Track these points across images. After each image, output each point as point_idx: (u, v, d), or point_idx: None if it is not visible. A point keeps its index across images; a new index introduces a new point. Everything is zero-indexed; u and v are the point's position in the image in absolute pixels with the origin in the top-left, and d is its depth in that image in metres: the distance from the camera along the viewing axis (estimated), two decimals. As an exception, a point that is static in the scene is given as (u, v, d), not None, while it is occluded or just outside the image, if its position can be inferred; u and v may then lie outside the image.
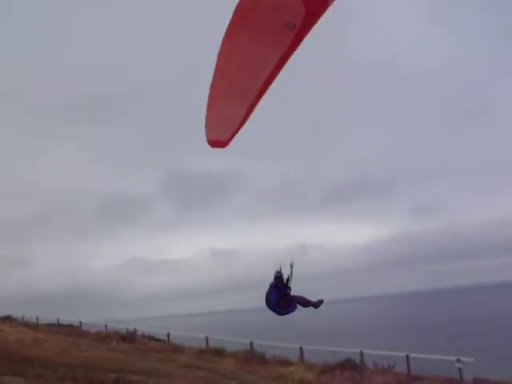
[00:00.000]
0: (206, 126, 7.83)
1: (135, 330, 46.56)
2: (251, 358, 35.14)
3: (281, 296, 8.75)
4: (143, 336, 44.95)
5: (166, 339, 43.80)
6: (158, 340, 43.51)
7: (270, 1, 6.14)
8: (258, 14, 6.19)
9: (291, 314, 9.31)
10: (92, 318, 65.71)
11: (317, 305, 9.23)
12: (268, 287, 8.76)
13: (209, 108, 7.56)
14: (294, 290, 9.15)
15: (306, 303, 9.15)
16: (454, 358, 26.64)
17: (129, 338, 41.84)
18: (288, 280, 8.64)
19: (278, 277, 8.71)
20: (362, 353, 30.69)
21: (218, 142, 8.00)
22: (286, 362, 33.43)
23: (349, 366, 29.99)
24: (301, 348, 34.81)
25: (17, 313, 61.22)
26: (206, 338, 40.21)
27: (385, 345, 42.47)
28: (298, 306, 9.20)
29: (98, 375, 20.44)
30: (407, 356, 28.45)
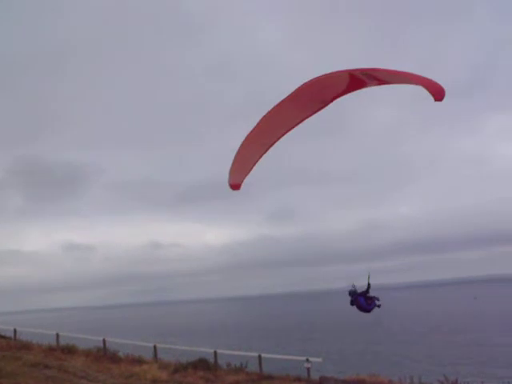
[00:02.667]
0: (230, 172, 9.87)
1: (-22, 325, 43.72)
2: (103, 355, 34.30)
3: (365, 298, 11.23)
4: (-14, 332, 42.18)
5: (13, 336, 41.51)
6: (3, 337, 41.04)
7: (323, 85, 8.49)
8: (307, 93, 8.55)
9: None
10: None
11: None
12: (351, 297, 11.18)
13: (236, 157, 9.61)
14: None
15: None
16: (303, 359, 27.84)
17: (-30, 334, 39.11)
18: (368, 286, 11.17)
19: (353, 292, 11.17)
20: (215, 353, 31.12)
21: (236, 185, 10.17)
22: (139, 361, 32.97)
23: (202, 365, 30.18)
24: (154, 346, 34.55)
25: None
26: (57, 335, 38.66)
27: (238, 345, 43.29)
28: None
29: None
30: (259, 356, 29.30)
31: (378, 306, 11.33)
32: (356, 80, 8.24)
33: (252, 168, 9.96)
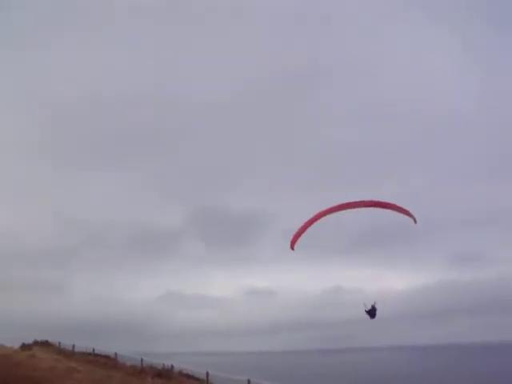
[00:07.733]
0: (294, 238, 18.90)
1: (172, 366, 44.05)
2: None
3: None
4: (180, 373, 42.27)
5: (205, 378, 41.05)
6: (197, 379, 40.74)
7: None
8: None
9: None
10: (127, 349, 63.52)
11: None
12: (369, 310, 18.59)
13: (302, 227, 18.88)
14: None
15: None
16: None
17: (165, 374, 39.38)
18: (374, 307, 18.22)
19: (373, 307, 18.02)
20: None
21: (291, 245, 17.99)
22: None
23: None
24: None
25: (54, 338, 60.60)
26: (248, 381, 37.34)
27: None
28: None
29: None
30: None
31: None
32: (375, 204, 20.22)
33: (301, 234, 16.42)
